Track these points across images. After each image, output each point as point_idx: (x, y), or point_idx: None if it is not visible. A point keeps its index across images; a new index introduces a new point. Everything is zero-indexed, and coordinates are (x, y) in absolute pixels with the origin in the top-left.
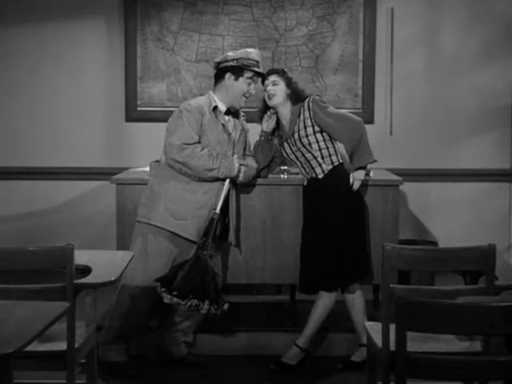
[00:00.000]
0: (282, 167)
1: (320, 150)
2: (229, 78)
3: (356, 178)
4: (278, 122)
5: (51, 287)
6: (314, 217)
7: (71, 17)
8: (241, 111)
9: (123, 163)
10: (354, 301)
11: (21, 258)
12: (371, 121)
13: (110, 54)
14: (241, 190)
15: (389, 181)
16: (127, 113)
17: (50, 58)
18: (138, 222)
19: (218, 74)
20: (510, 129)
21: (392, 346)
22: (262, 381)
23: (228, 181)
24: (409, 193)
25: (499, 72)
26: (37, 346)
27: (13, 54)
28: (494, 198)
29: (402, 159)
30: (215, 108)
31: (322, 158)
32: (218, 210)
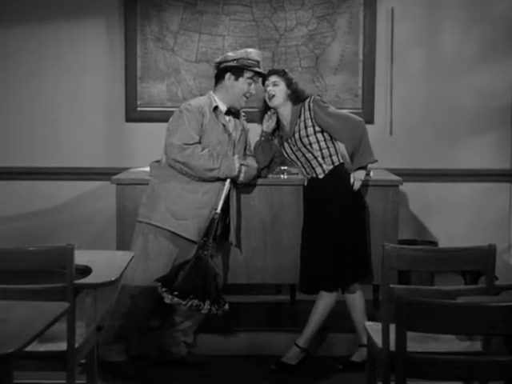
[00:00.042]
0: (282, 167)
1: (321, 149)
2: (229, 78)
3: (356, 178)
4: (278, 122)
5: (51, 287)
6: (315, 217)
7: (71, 17)
8: (241, 111)
9: (123, 163)
10: (354, 301)
11: (21, 258)
12: (371, 121)
13: (110, 54)
14: (241, 190)
15: (389, 181)
16: (127, 113)
17: (49, 57)
18: (139, 222)
19: (219, 74)
20: (510, 129)
21: (392, 346)
22: (262, 381)
23: (229, 181)
24: (409, 193)
25: (499, 72)
26: (37, 347)
27: (13, 53)
28: (494, 198)
29: (402, 159)
30: (216, 108)
31: (323, 158)
32: (219, 210)
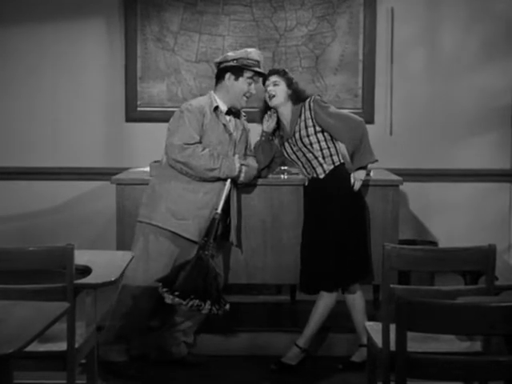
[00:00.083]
0: (282, 167)
1: (321, 149)
2: (229, 78)
3: (357, 178)
4: (278, 122)
5: (51, 287)
6: (315, 217)
7: (71, 17)
8: (242, 111)
9: (123, 163)
10: (354, 301)
11: (21, 258)
12: (371, 121)
13: (110, 54)
14: (241, 190)
15: (389, 181)
16: (127, 113)
17: (49, 57)
18: (140, 222)
19: (219, 74)
20: (510, 129)
21: (392, 346)
22: (262, 381)
23: (229, 181)
24: (409, 193)
25: (499, 72)
26: (37, 347)
27: (12, 53)
28: (494, 199)
29: (402, 159)
30: (216, 108)
31: (323, 158)
32: (220, 210)
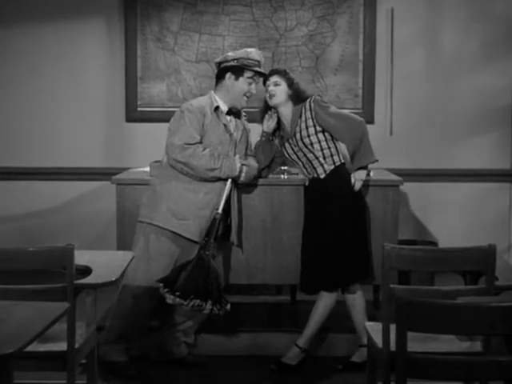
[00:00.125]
0: (282, 167)
1: (322, 150)
2: (229, 78)
3: (357, 179)
4: (278, 123)
5: (51, 288)
6: (316, 217)
7: (71, 17)
8: (242, 111)
9: (123, 163)
10: (354, 301)
11: (21, 259)
12: (371, 121)
13: (111, 54)
14: (241, 190)
15: (389, 181)
16: (127, 113)
17: (49, 57)
18: (140, 222)
19: (219, 74)
20: (510, 129)
21: (392, 347)
22: (262, 381)
23: (230, 181)
24: (409, 193)
25: (499, 72)
26: (37, 347)
27: (12, 53)
28: (494, 199)
29: (403, 159)
30: (217, 108)
31: (324, 158)
32: (220, 210)
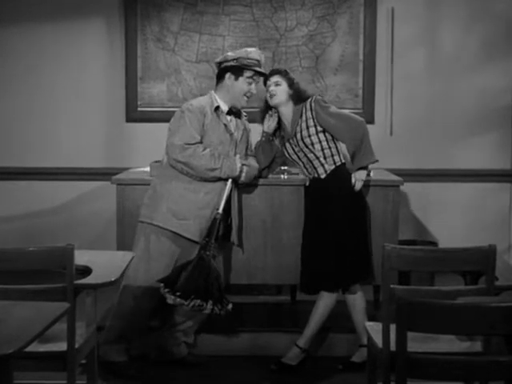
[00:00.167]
0: (282, 167)
1: (322, 150)
2: (229, 78)
3: (358, 179)
4: (279, 123)
5: (51, 288)
6: (316, 217)
7: (71, 17)
8: (243, 111)
9: (123, 163)
10: (354, 301)
11: (21, 259)
12: (371, 121)
13: (111, 54)
14: (241, 190)
15: (389, 181)
16: (128, 113)
17: (49, 57)
18: (141, 223)
19: (219, 74)
20: (510, 129)
21: (392, 347)
22: (262, 381)
23: (230, 181)
24: (409, 193)
25: (500, 72)
26: (37, 347)
27: (12, 53)
28: (494, 199)
29: (403, 159)
30: (217, 108)
31: (325, 158)
32: (221, 210)
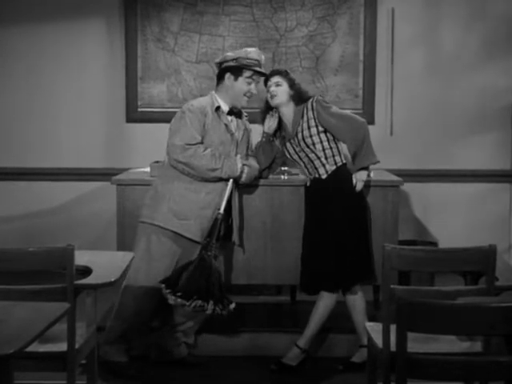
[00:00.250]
0: (282, 168)
1: (324, 150)
2: (228, 78)
3: (359, 179)
4: (280, 123)
5: (51, 288)
6: (317, 217)
7: (71, 17)
8: (243, 111)
9: (123, 164)
10: (354, 302)
11: (21, 259)
12: (372, 121)
13: (111, 55)
14: (242, 190)
15: (389, 181)
16: (128, 113)
17: (49, 57)
18: (142, 223)
19: (219, 75)
20: (510, 129)
21: (392, 347)
22: (262, 381)
23: (231, 181)
24: (409, 193)
25: (500, 72)
26: (37, 347)
27: (12, 53)
28: (494, 199)
29: (403, 160)
30: (218, 108)
31: (326, 158)
32: (222, 210)
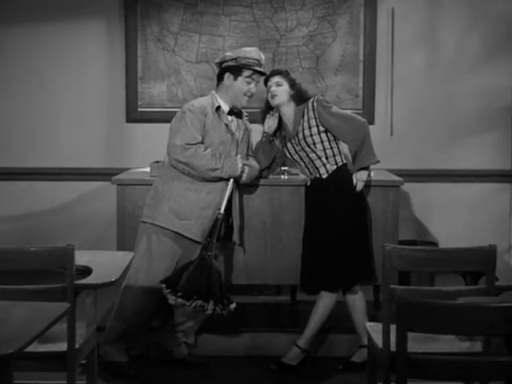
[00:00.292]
0: (282, 168)
1: (324, 150)
2: (228, 78)
3: (359, 179)
4: (280, 123)
5: (51, 288)
6: (317, 217)
7: (71, 17)
8: (244, 111)
9: (123, 164)
10: (354, 302)
11: (21, 259)
12: (372, 121)
13: (111, 55)
14: (242, 190)
15: (389, 181)
16: (128, 113)
17: (49, 57)
18: (143, 223)
19: (219, 75)
20: (510, 129)
21: (392, 347)
22: (262, 381)
23: (232, 181)
24: (409, 193)
25: (500, 72)
26: (37, 347)
27: (12, 54)
28: (494, 199)
29: (403, 160)
30: (218, 108)
31: (327, 158)
32: (222, 210)
